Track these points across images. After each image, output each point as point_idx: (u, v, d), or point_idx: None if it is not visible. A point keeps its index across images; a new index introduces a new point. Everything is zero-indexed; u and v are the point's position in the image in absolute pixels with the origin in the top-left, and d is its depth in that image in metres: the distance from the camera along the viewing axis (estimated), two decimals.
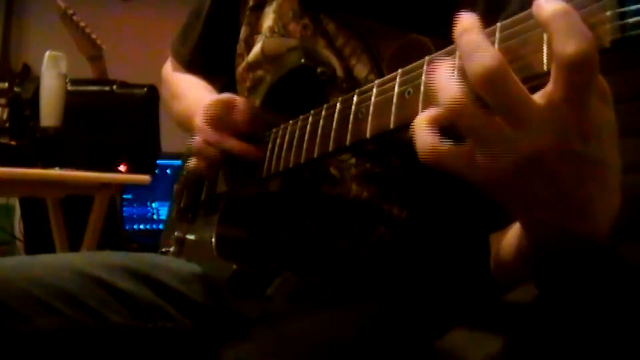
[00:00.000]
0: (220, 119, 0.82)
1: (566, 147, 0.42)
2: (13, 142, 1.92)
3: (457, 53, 0.46)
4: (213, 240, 0.81)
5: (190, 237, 0.92)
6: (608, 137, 0.44)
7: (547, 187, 0.44)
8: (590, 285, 0.55)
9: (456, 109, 0.43)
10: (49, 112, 1.88)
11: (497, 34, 0.46)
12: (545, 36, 0.42)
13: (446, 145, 0.45)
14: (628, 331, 0.53)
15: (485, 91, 0.42)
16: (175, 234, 0.97)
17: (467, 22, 0.44)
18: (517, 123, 0.42)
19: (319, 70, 0.77)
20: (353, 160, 0.78)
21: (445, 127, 0.45)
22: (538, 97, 0.42)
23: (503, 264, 0.62)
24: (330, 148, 0.64)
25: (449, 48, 0.48)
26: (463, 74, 0.43)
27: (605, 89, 0.45)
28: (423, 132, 0.46)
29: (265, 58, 0.88)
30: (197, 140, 0.84)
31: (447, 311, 0.73)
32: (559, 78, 0.40)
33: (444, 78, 0.44)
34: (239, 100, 0.83)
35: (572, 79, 0.40)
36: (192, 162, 0.86)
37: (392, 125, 0.54)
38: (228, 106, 0.82)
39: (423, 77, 0.51)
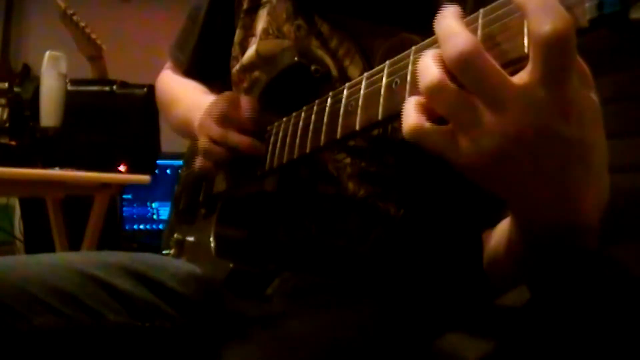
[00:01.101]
0: (225, 115, 0.81)
1: (546, 127, 0.42)
2: (13, 142, 1.93)
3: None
4: (211, 240, 0.81)
5: (190, 238, 0.92)
6: (591, 119, 0.44)
7: (530, 170, 0.44)
8: (581, 283, 0.55)
9: (433, 93, 0.44)
10: (49, 112, 1.89)
11: (480, 20, 0.46)
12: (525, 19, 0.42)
13: (429, 124, 0.46)
14: (618, 331, 0.53)
15: (461, 74, 0.42)
16: (175, 236, 0.97)
17: (445, 10, 0.45)
18: (495, 105, 0.42)
19: (313, 67, 0.77)
20: (348, 160, 0.78)
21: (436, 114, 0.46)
22: (517, 78, 0.42)
23: (494, 260, 0.62)
24: (322, 142, 0.64)
25: (434, 37, 0.48)
26: (441, 59, 0.44)
27: (585, 72, 0.44)
28: (409, 111, 0.47)
29: (260, 59, 0.88)
30: (204, 139, 0.83)
31: (444, 310, 0.73)
32: (536, 58, 0.41)
33: (425, 63, 0.45)
34: (243, 97, 0.83)
35: (549, 59, 0.40)
36: (198, 162, 0.85)
37: (380, 117, 0.54)
38: (233, 103, 0.82)
39: (410, 67, 0.52)
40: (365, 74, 0.58)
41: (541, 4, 0.40)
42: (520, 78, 0.42)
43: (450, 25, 0.44)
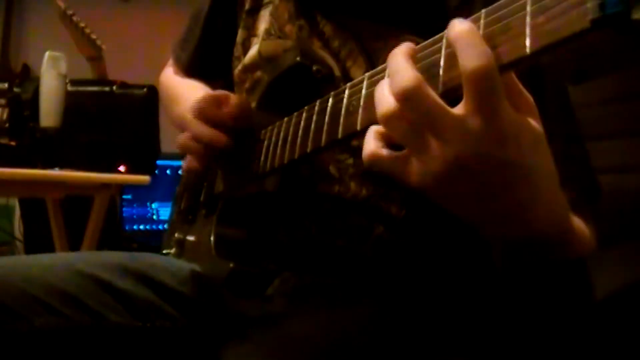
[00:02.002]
0: (206, 112, 0.82)
1: (485, 153, 0.46)
2: (13, 143, 1.92)
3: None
4: (212, 239, 0.81)
5: (190, 238, 0.92)
6: (530, 143, 0.48)
7: (474, 191, 0.49)
8: (548, 292, 0.58)
9: (387, 122, 0.49)
10: (49, 112, 1.88)
11: (482, 20, 0.47)
12: (528, 19, 0.43)
13: (385, 150, 0.51)
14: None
15: (405, 107, 0.47)
16: (176, 235, 0.97)
17: (398, 48, 0.51)
18: (438, 134, 0.47)
19: (314, 68, 0.77)
20: (351, 160, 0.78)
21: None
22: (456, 109, 0.46)
23: None
24: (323, 142, 0.64)
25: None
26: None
27: (527, 100, 0.49)
28: (369, 139, 0.52)
29: (262, 59, 0.88)
30: (183, 134, 0.85)
31: (446, 311, 0.73)
32: (467, 91, 0.45)
33: (380, 93, 0.50)
34: (232, 97, 0.83)
35: (477, 91, 0.45)
36: (184, 161, 0.87)
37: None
38: (217, 101, 0.82)
39: None
40: (367, 74, 0.59)
41: (467, 43, 0.45)
42: (458, 109, 0.46)
43: (398, 62, 0.49)
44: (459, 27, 0.46)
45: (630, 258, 0.65)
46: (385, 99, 0.49)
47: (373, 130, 0.53)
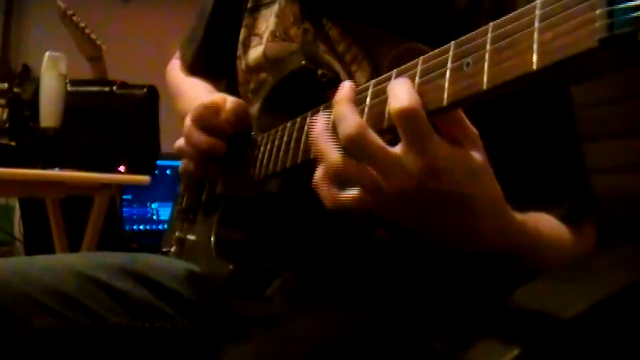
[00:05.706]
0: (205, 120, 0.82)
1: (421, 185, 0.52)
2: (13, 143, 1.92)
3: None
4: (212, 240, 0.81)
5: (191, 237, 0.92)
6: (463, 174, 0.53)
7: (421, 216, 0.56)
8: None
9: (335, 167, 0.55)
10: (49, 112, 1.88)
11: (489, 34, 0.46)
12: (535, 35, 0.43)
13: (342, 193, 0.56)
14: None
15: (352, 151, 0.54)
16: (176, 234, 0.97)
17: (342, 93, 0.56)
18: (381, 170, 0.53)
19: (319, 72, 0.77)
20: None
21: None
22: (395, 148, 0.52)
23: None
24: None
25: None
26: (335, 135, 0.55)
27: (467, 133, 0.53)
28: (322, 187, 0.57)
29: (268, 61, 0.88)
30: (180, 140, 0.85)
31: (446, 312, 0.73)
32: (399, 130, 0.51)
33: (322, 139, 0.57)
34: (228, 101, 0.83)
35: (405, 131, 0.51)
36: (181, 163, 0.87)
37: (385, 124, 0.55)
38: (215, 108, 0.82)
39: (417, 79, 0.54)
40: (372, 81, 0.59)
41: (396, 88, 0.51)
42: (396, 148, 0.52)
43: (343, 110, 0.54)
44: (395, 80, 0.53)
45: (631, 258, 0.65)
46: (329, 145, 0.56)
47: (320, 176, 0.58)
